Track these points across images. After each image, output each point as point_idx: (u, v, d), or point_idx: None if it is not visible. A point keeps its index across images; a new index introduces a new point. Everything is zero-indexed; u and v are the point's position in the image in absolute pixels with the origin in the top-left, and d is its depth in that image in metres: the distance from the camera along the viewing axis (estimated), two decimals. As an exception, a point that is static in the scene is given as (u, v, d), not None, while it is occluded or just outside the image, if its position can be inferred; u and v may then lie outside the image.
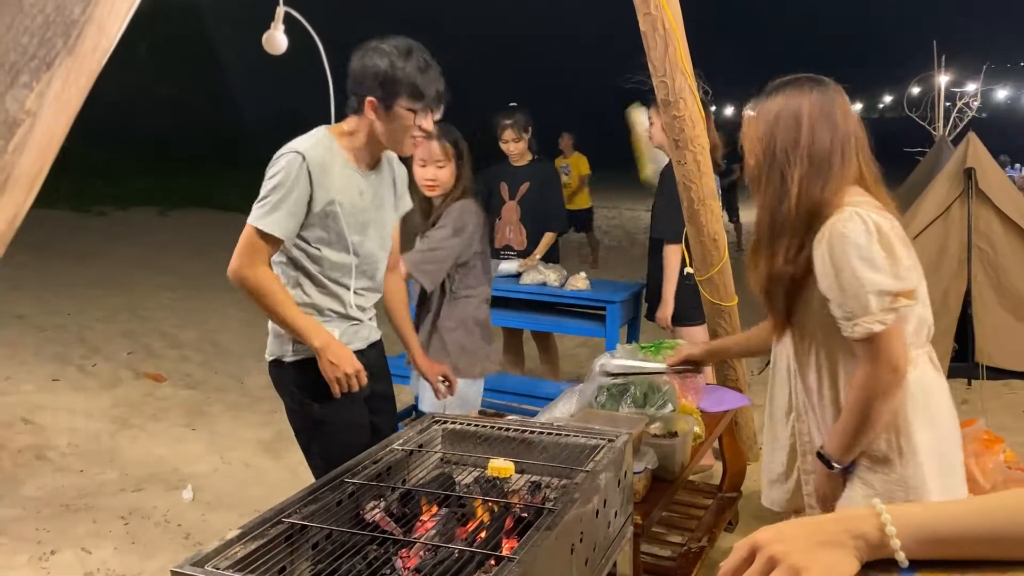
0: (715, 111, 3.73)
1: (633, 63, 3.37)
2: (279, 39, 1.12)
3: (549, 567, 1.48)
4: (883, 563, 0.76)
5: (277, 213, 2.13)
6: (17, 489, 3.66)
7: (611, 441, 1.91)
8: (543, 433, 1.98)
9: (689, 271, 3.58)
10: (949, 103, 7.38)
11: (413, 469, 1.90)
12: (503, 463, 1.80)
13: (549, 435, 1.97)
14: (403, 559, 1.51)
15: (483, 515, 1.66)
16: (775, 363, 2.13)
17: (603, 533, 1.79)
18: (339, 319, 2.32)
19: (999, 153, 9.06)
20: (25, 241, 2.11)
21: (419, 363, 2.72)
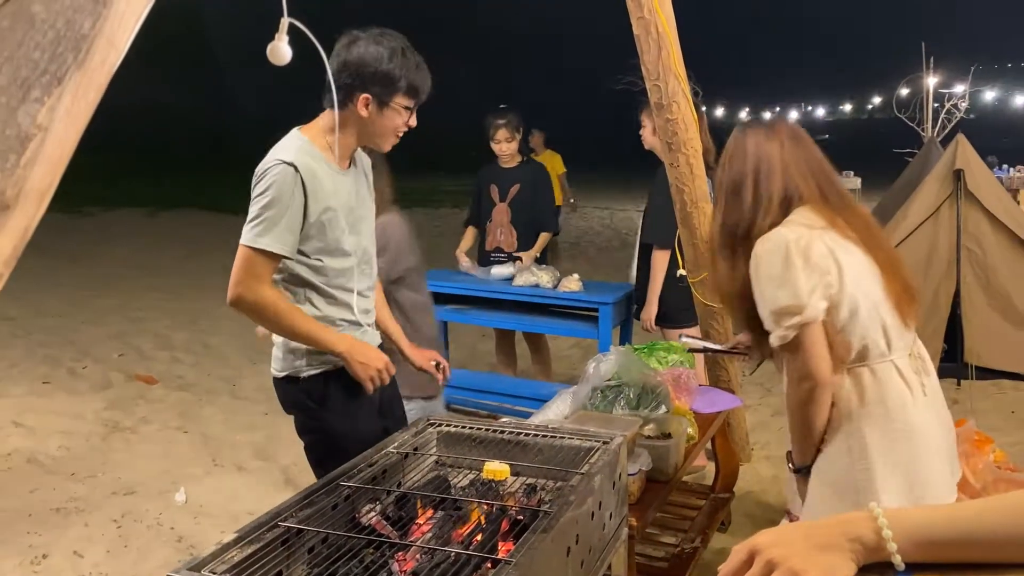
0: (705, 111, 3.74)
1: (626, 64, 3.39)
2: (283, 50, 1.12)
3: (545, 569, 1.48)
4: (880, 566, 0.77)
5: (276, 229, 2.03)
6: (7, 493, 3.64)
7: (606, 443, 1.92)
8: (538, 435, 1.99)
9: (682, 273, 3.60)
10: (937, 104, 7.44)
11: (408, 472, 1.91)
12: (498, 466, 1.80)
13: (544, 437, 1.98)
14: (399, 562, 1.51)
15: (479, 518, 1.67)
16: None
17: (598, 535, 1.79)
18: (349, 327, 2.26)
19: (987, 154, 9.11)
20: (17, 244, 2.11)
21: (409, 353, 2.59)
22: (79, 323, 6.83)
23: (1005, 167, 17.07)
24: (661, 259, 3.76)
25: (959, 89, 7.96)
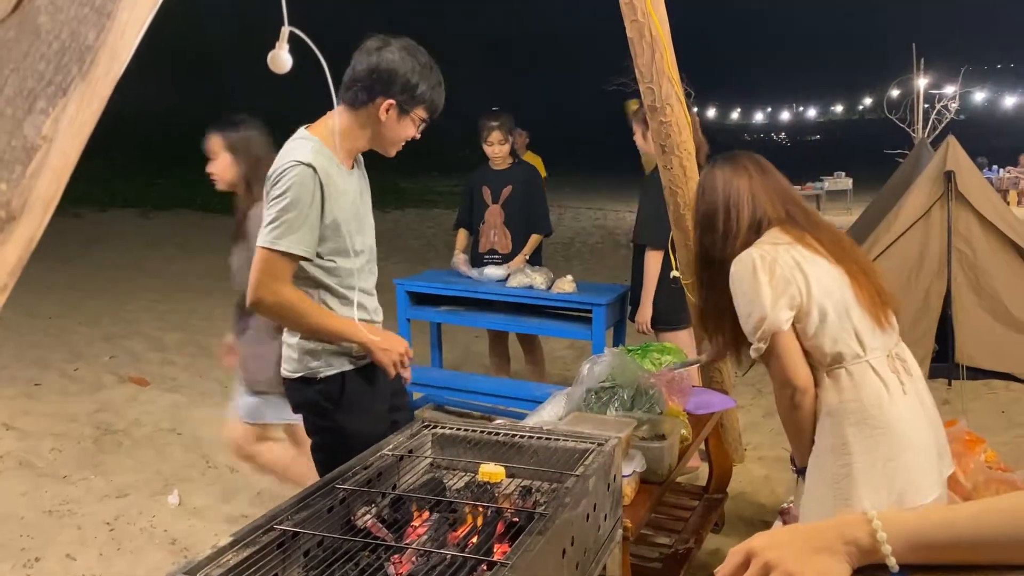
0: (696, 111, 3.76)
1: (618, 66, 3.39)
2: (284, 58, 1.12)
3: (541, 572, 1.49)
4: (875, 568, 0.78)
5: (296, 231, 2.06)
6: (0, 496, 3.63)
7: (600, 445, 1.92)
8: (533, 437, 1.99)
9: (676, 275, 3.60)
10: (928, 105, 7.47)
11: (403, 474, 1.91)
12: (494, 468, 1.81)
13: (539, 439, 1.98)
14: (395, 565, 1.52)
15: (474, 520, 1.67)
16: None
17: (593, 537, 1.80)
18: (374, 323, 2.33)
19: (977, 155, 9.18)
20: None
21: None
22: (71, 325, 6.80)
23: (995, 168, 17.19)
24: (654, 261, 3.77)
25: (949, 90, 8.00)
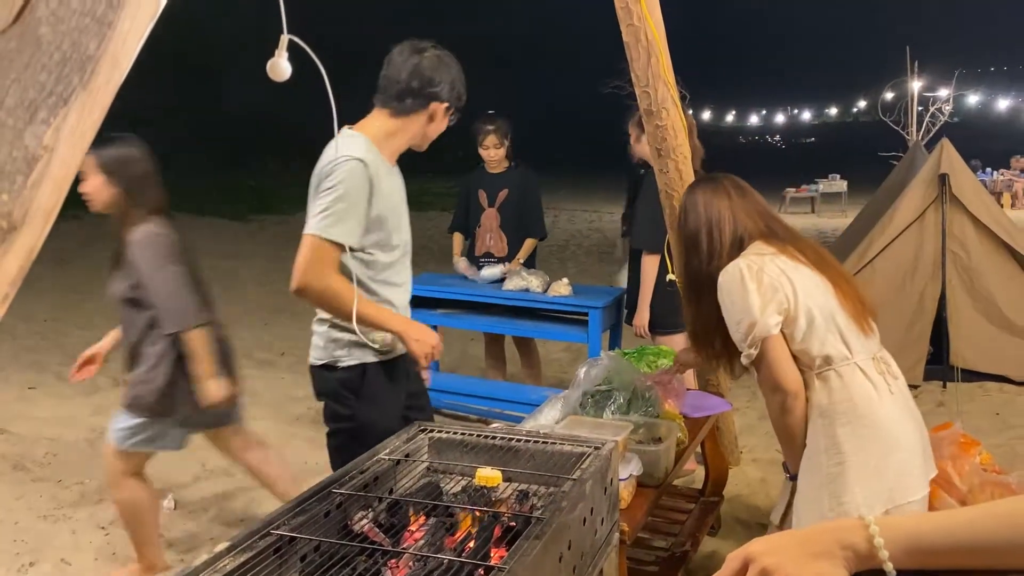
0: (692, 114, 3.77)
1: (614, 68, 3.40)
2: (283, 66, 1.12)
3: (538, 576, 1.49)
4: (872, 573, 0.78)
5: (346, 221, 2.16)
6: (-6, 500, 3.61)
7: (597, 449, 1.92)
8: (530, 441, 1.99)
9: (672, 278, 3.61)
10: (922, 108, 7.49)
11: (400, 479, 1.90)
12: (491, 472, 1.80)
13: (536, 443, 1.98)
14: (392, 570, 1.52)
15: (471, 525, 1.67)
16: None
17: (590, 541, 1.80)
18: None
19: (971, 158, 9.20)
20: None
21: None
22: (66, 328, 6.77)
23: (989, 170, 17.25)
24: (651, 264, 3.78)
25: (943, 93, 8.04)
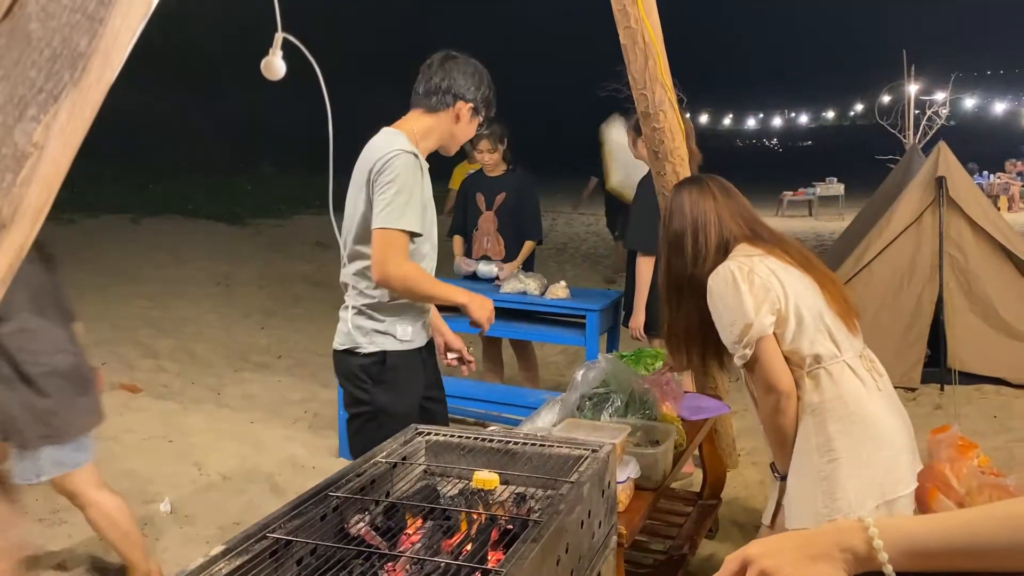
0: (689, 117, 3.77)
1: (611, 71, 3.40)
2: (278, 65, 1.12)
3: (535, 579, 1.48)
4: (871, 575, 0.77)
5: (412, 211, 2.31)
6: (-11, 504, 3.60)
7: (595, 451, 1.92)
8: (527, 444, 1.98)
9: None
10: (918, 111, 7.51)
11: (397, 482, 1.90)
12: (488, 475, 1.80)
13: (533, 446, 1.97)
14: (389, 573, 1.51)
15: (468, 528, 1.66)
16: None
17: (588, 543, 1.79)
18: (425, 312, 2.58)
19: (967, 161, 9.23)
20: None
21: (450, 338, 2.82)
22: (61, 331, 6.75)
23: (985, 173, 17.29)
24: (646, 266, 3.78)
25: (940, 96, 8.06)
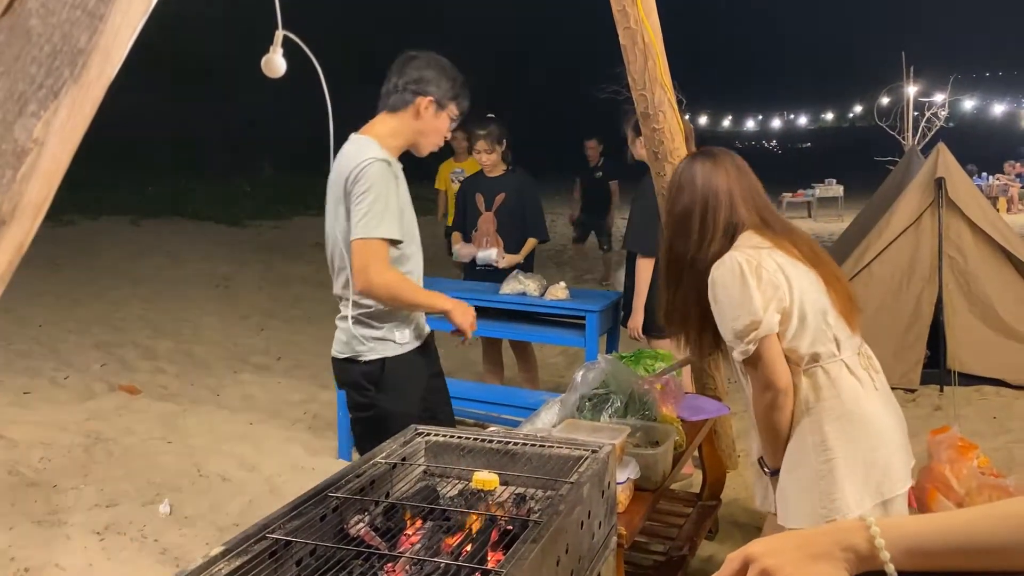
0: (688, 118, 3.77)
1: (610, 72, 3.40)
2: (278, 63, 1.12)
3: (535, 580, 1.48)
4: (873, 575, 0.77)
5: (389, 219, 2.33)
6: (-12, 505, 3.59)
7: (595, 452, 1.91)
8: (527, 445, 1.98)
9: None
10: (917, 113, 7.52)
11: (397, 482, 1.89)
12: (487, 475, 1.79)
13: (533, 447, 1.97)
14: (389, 574, 1.51)
15: (468, 528, 1.66)
16: None
17: (587, 544, 1.79)
18: (416, 314, 2.59)
19: (966, 163, 9.23)
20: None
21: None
22: (61, 333, 6.76)
23: (984, 175, 17.31)
24: (645, 267, 3.77)
25: (939, 98, 8.06)
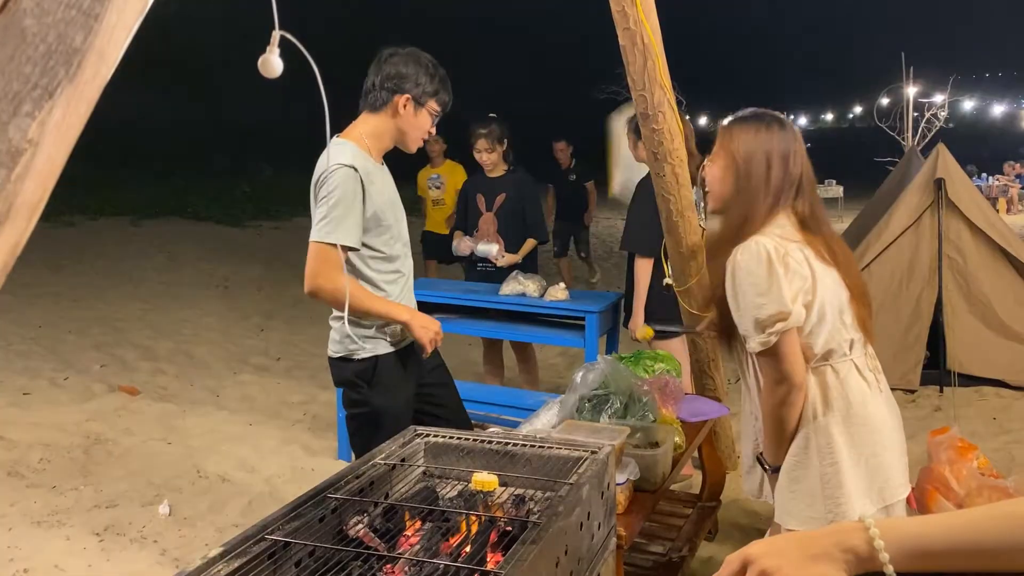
0: (688, 119, 3.77)
1: (610, 73, 3.40)
2: (275, 63, 1.12)
3: (535, 581, 1.48)
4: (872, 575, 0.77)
5: (344, 225, 2.32)
6: (-13, 506, 3.59)
7: (594, 453, 1.91)
8: (526, 446, 1.98)
9: (668, 282, 3.60)
10: (917, 114, 7.53)
11: (396, 483, 1.89)
12: (487, 476, 1.79)
13: (532, 448, 1.97)
14: (388, 575, 1.50)
15: (467, 529, 1.66)
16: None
17: (587, 545, 1.79)
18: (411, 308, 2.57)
19: (966, 163, 9.24)
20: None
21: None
22: (60, 334, 6.75)
23: (984, 176, 17.32)
24: (644, 268, 3.77)
25: (938, 99, 8.08)
